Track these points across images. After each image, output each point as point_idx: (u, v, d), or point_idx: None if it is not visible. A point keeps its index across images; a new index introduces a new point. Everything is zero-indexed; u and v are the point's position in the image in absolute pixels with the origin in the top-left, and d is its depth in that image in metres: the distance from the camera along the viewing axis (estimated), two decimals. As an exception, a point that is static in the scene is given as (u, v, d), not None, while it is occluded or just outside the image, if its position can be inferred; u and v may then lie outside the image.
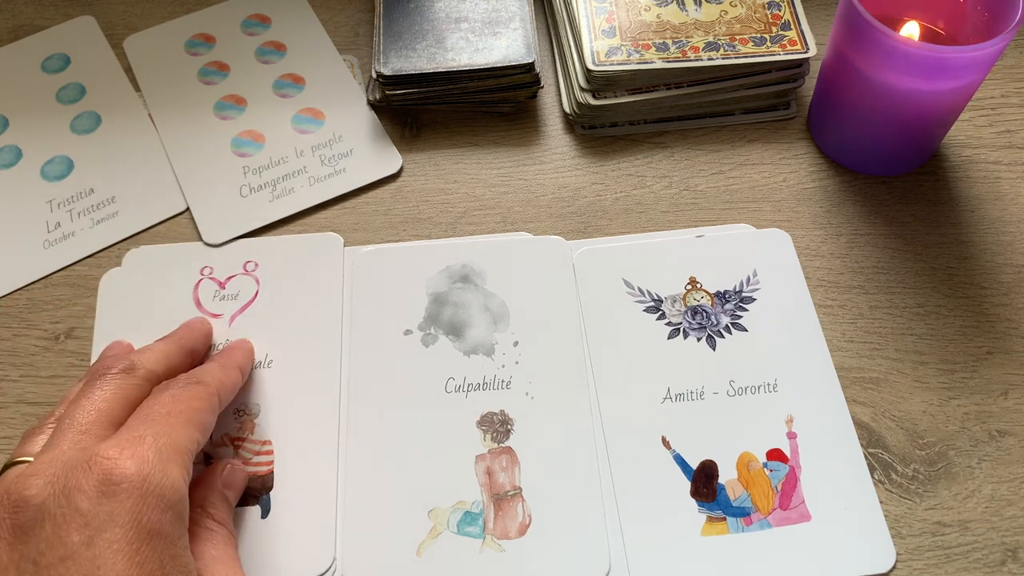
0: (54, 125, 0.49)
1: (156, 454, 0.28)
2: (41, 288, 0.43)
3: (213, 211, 0.45)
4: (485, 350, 0.40)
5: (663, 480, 0.37)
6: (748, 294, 0.42)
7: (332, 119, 0.49)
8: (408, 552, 0.35)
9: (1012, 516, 0.36)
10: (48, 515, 0.26)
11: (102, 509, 0.26)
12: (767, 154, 0.48)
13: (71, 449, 0.28)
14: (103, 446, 0.28)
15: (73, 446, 0.29)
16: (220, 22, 0.53)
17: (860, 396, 0.39)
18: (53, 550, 0.25)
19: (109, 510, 0.26)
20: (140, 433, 0.29)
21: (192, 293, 0.42)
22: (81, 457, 0.27)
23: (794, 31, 0.47)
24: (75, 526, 0.25)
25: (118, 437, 0.29)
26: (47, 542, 0.25)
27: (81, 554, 0.25)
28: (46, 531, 0.26)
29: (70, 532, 0.25)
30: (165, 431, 0.29)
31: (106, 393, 0.31)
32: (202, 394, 0.33)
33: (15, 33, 0.53)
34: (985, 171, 0.47)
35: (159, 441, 0.29)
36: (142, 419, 0.30)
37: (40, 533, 0.26)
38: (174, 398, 0.32)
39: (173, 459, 0.29)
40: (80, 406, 0.31)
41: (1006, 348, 0.41)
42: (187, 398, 0.32)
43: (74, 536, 0.25)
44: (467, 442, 0.38)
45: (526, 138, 0.49)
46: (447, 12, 0.49)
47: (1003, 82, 0.50)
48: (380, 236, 0.45)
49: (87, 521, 0.26)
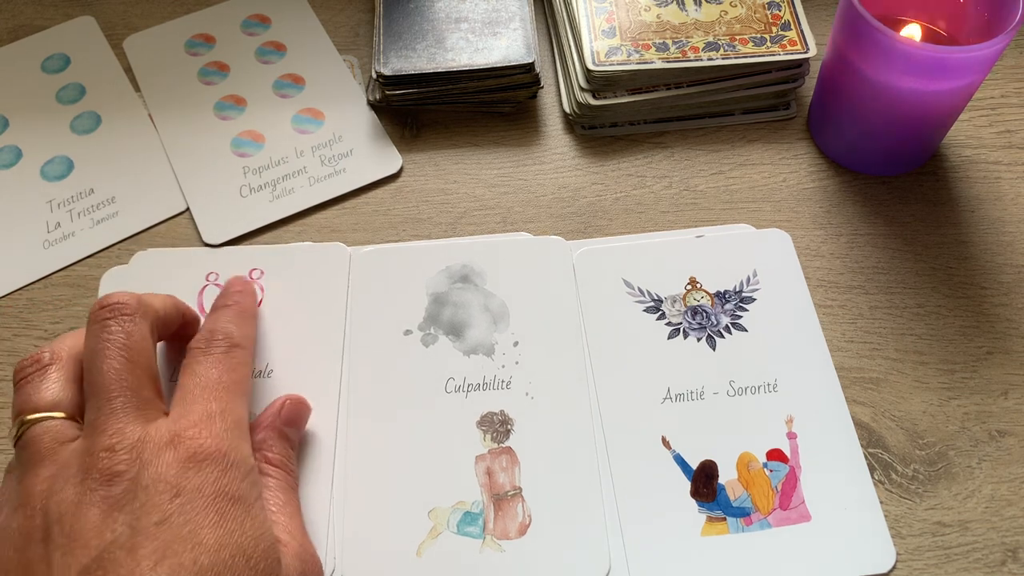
0: (54, 125, 0.49)
1: (227, 432, 0.31)
2: (41, 288, 0.43)
3: (213, 211, 0.45)
4: (485, 350, 0.40)
5: (663, 480, 0.37)
6: (748, 294, 0.42)
7: (332, 119, 0.49)
8: (408, 552, 0.35)
9: (1012, 516, 0.36)
10: (140, 487, 0.28)
11: (191, 481, 0.29)
12: (767, 154, 0.48)
13: (143, 423, 0.30)
14: (182, 424, 0.30)
15: (144, 420, 0.30)
16: (220, 22, 0.53)
17: (860, 396, 0.39)
18: (149, 516, 0.28)
19: (197, 482, 0.29)
20: (209, 410, 0.31)
21: (196, 298, 0.42)
22: (162, 434, 0.30)
23: (794, 31, 0.47)
24: (167, 495, 0.28)
25: (191, 415, 0.31)
26: (142, 509, 0.28)
27: (174, 519, 0.28)
28: (140, 500, 0.28)
29: (162, 500, 0.28)
30: (229, 408, 0.32)
31: (132, 340, 0.32)
32: (245, 360, 0.35)
33: (15, 33, 0.53)
34: (985, 171, 0.47)
35: (227, 420, 0.32)
36: (202, 388, 0.32)
37: (134, 502, 0.28)
38: (224, 367, 0.33)
39: (241, 435, 0.32)
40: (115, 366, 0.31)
41: (1006, 348, 0.41)
42: (235, 366, 0.34)
43: (167, 504, 0.28)
44: (467, 442, 0.38)
45: (526, 138, 0.49)
46: (447, 12, 0.49)
47: (1003, 82, 0.50)
48: (380, 236, 0.45)
49: (178, 491, 0.29)
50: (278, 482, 0.33)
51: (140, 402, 0.31)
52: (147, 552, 0.27)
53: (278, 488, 0.33)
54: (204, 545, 0.28)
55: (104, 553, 0.27)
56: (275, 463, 0.34)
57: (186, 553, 0.27)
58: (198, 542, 0.28)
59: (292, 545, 0.31)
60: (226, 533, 0.28)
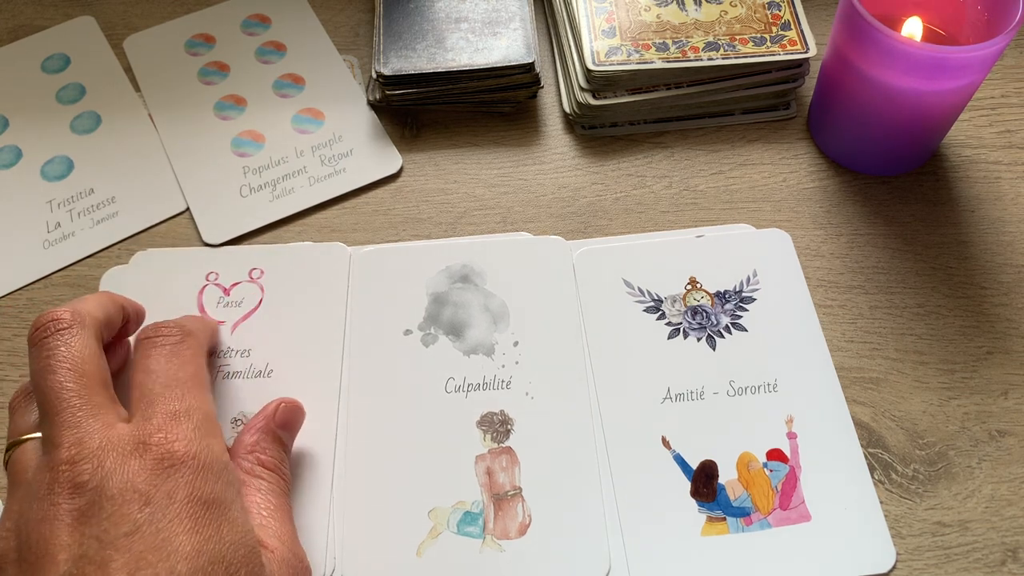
0: (54, 125, 0.49)
1: (195, 431, 0.30)
2: (41, 288, 0.43)
3: (213, 211, 0.45)
4: (485, 350, 0.40)
5: (663, 480, 0.37)
6: (748, 294, 0.42)
7: (332, 119, 0.49)
8: (408, 552, 0.35)
9: (1012, 516, 0.36)
10: (107, 497, 0.27)
11: (160, 488, 0.28)
12: (767, 154, 0.48)
13: (100, 429, 0.29)
14: (147, 429, 0.29)
15: (101, 426, 0.29)
16: (220, 22, 0.53)
17: (860, 396, 0.39)
18: (117, 527, 0.27)
19: (167, 488, 0.28)
20: (173, 410, 0.30)
21: (196, 298, 0.42)
22: (125, 441, 0.29)
23: (794, 31, 0.47)
24: (136, 504, 0.27)
25: (155, 418, 0.30)
26: (110, 520, 0.27)
27: (145, 528, 0.27)
28: (107, 510, 0.27)
29: (131, 510, 0.27)
30: (195, 405, 0.31)
31: (73, 352, 0.31)
32: (198, 350, 0.34)
33: (15, 33, 0.53)
34: (985, 171, 0.47)
35: (194, 419, 0.31)
36: (162, 386, 0.31)
37: (100, 514, 0.27)
38: (179, 360, 0.33)
39: (210, 431, 0.31)
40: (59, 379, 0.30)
41: (1006, 348, 0.41)
42: (190, 358, 0.33)
43: (136, 513, 0.27)
44: (467, 442, 0.38)
45: (526, 138, 0.49)
46: (447, 12, 0.49)
47: (1003, 82, 0.50)
48: (380, 236, 0.45)
49: (147, 499, 0.27)
50: (270, 485, 0.33)
51: (93, 408, 0.30)
52: (119, 565, 0.26)
53: (270, 492, 0.32)
54: (180, 553, 0.27)
55: (73, 569, 0.26)
56: (268, 466, 0.33)
57: (161, 563, 0.26)
58: (173, 550, 0.27)
59: (280, 551, 0.30)
60: (203, 539, 0.27)
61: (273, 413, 0.35)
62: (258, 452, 0.33)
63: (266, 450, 0.33)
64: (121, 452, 0.29)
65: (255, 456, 0.33)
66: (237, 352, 0.40)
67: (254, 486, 0.32)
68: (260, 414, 0.35)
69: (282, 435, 0.35)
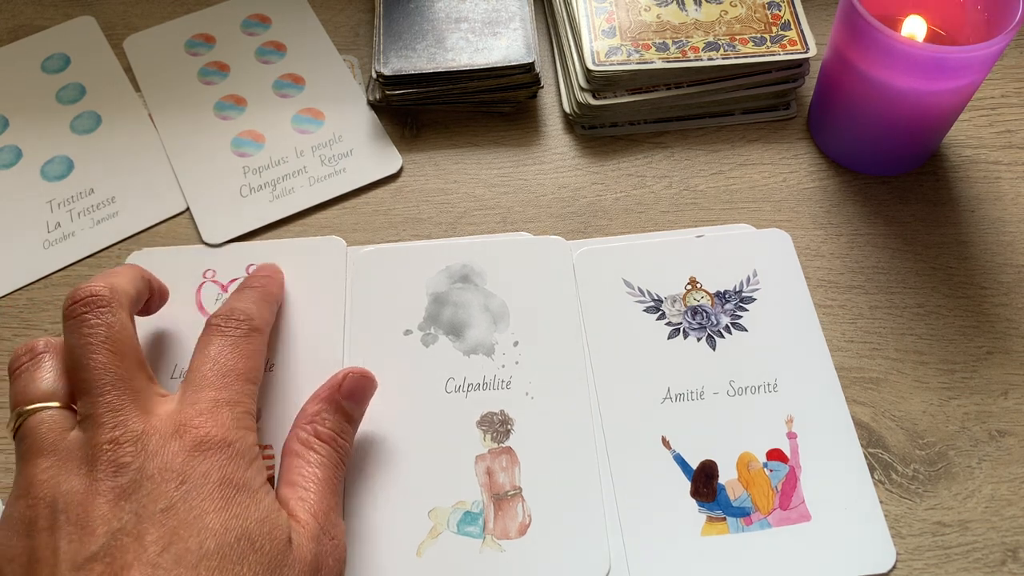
0: (54, 125, 0.49)
1: (234, 422, 0.31)
2: (41, 288, 0.43)
3: (213, 211, 0.45)
4: (485, 350, 0.40)
5: (663, 480, 0.37)
6: (748, 294, 0.42)
7: (332, 119, 0.49)
8: (408, 552, 0.35)
9: (1012, 516, 0.36)
10: (146, 476, 0.29)
11: (196, 469, 0.29)
12: (767, 154, 0.48)
13: (142, 414, 0.30)
14: (189, 413, 0.31)
15: (142, 411, 0.30)
16: (220, 22, 0.53)
17: (860, 396, 0.39)
18: (154, 503, 0.28)
19: (203, 469, 0.29)
20: (219, 399, 0.31)
21: (194, 296, 0.42)
22: (167, 425, 0.30)
23: (794, 31, 0.47)
24: (173, 483, 0.29)
25: (200, 403, 0.31)
26: (148, 496, 0.28)
27: (180, 505, 0.28)
28: (146, 488, 0.28)
29: (168, 488, 0.29)
30: (239, 399, 0.32)
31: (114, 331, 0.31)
32: (261, 347, 0.35)
33: (15, 33, 0.53)
34: (985, 171, 0.47)
35: (236, 411, 0.32)
36: (216, 374, 0.32)
37: (140, 491, 0.28)
38: (240, 352, 0.33)
39: (248, 425, 0.32)
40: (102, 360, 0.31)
41: (1006, 348, 0.41)
42: (251, 353, 0.34)
43: (172, 491, 0.29)
44: (467, 442, 0.38)
45: (526, 138, 0.49)
46: (447, 12, 0.49)
47: (1003, 82, 0.50)
48: (380, 236, 0.45)
49: (184, 478, 0.29)
50: (321, 458, 0.33)
51: (134, 393, 0.31)
52: (153, 538, 0.27)
53: (319, 464, 0.33)
54: (209, 529, 0.28)
55: (111, 540, 0.27)
56: (324, 438, 0.33)
57: (192, 538, 0.28)
58: (203, 527, 0.28)
59: (311, 526, 0.31)
60: (231, 517, 0.29)
61: (340, 383, 0.35)
62: (317, 423, 0.34)
63: (325, 421, 0.34)
64: (163, 435, 0.30)
65: (312, 427, 0.33)
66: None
67: (305, 458, 0.33)
68: (327, 383, 0.35)
69: (347, 406, 0.35)
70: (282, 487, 0.32)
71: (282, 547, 0.29)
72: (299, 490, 0.32)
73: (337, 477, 0.33)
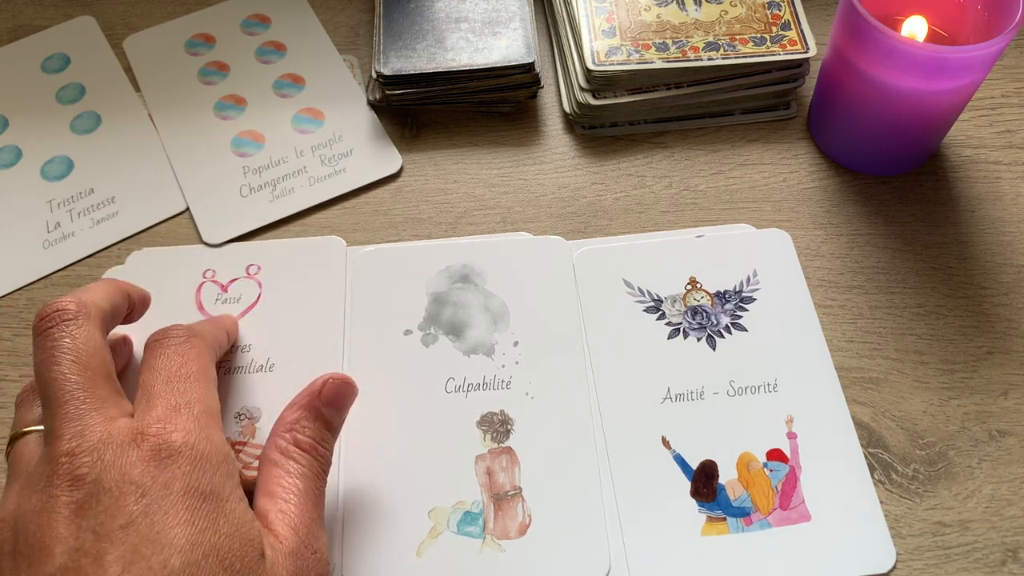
0: (54, 125, 0.49)
1: (195, 423, 0.30)
2: (41, 288, 0.43)
3: (213, 211, 0.45)
4: (485, 350, 0.40)
5: (663, 480, 0.37)
6: (748, 294, 0.42)
7: (332, 119, 0.49)
8: (408, 552, 0.35)
9: (1012, 516, 0.36)
10: (104, 489, 0.27)
11: (157, 479, 0.28)
12: (767, 154, 0.48)
13: (102, 423, 0.29)
14: (145, 420, 0.29)
15: (103, 420, 0.29)
16: (220, 22, 0.53)
17: (860, 396, 0.39)
18: (113, 519, 0.27)
19: (164, 479, 0.28)
20: (174, 403, 0.30)
21: (194, 296, 0.42)
22: (124, 433, 0.29)
23: (794, 31, 0.47)
24: (132, 496, 0.27)
25: (154, 410, 0.30)
26: (106, 513, 0.27)
27: (140, 520, 0.27)
28: (103, 503, 0.27)
29: (127, 502, 0.27)
30: (196, 398, 0.31)
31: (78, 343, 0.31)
32: (204, 349, 0.33)
33: (15, 33, 0.53)
34: (985, 171, 0.47)
35: (194, 410, 0.30)
36: (164, 382, 0.31)
37: (97, 506, 0.27)
38: (184, 357, 0.32)
39: (210, 423, 0.30)
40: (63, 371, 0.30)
41: (1006, 348, 0.41)
42: (195, 356, 0.32)
43: (132, 505, 0.27)
44: (467, 442, 0.38)
45: (526, 138, 0.49)
46: (447, 12, 0.49)
47: (1003, 82, 0.50)
48: (380, 236, 0.45)
49: (144, 491, 0.27)
50: (300, 468, 0.31)
51: (96, 402, 0.29)
52: (113, 558, 0.26)
53: (299, 475, 0.31)
54: (174, 545, 0.27)
55: (68, 562, 0.26)
56: (304, 447, 0.32)
57: (155, 556, 0.26)
58: (167, 543, 0.27)
59: (290, 541, 0.29)
60: (198, 531, 0.27)
61: (320, 389, 0.33)
62: (296, 431, 0.32)
63: (305, 429, 0.32)
64: (120, 444, 0.28)
65: (292, 435, 0.32)
66: (238, 347, 0.40)
67: (285, 468, 0.31)
68: (305, 390, 0.33)
69: (327, 413, 0.33)
70: (260, 498, 0.31)
71: (254, 564, 0.28)
72: (279, 502, 0.30)
73: (318, 487, 0.32)
